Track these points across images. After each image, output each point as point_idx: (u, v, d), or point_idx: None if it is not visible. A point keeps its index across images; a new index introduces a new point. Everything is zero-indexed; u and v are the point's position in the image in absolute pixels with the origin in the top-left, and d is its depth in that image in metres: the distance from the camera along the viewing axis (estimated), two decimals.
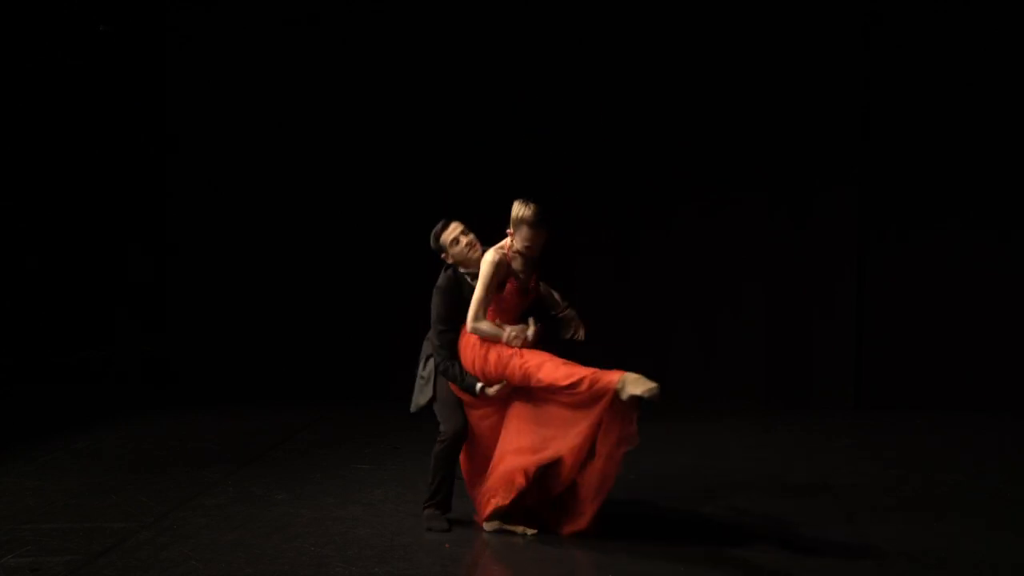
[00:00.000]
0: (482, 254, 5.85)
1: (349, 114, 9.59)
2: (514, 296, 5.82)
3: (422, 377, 6.10)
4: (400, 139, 9.53)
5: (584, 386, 5.55)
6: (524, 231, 5.76)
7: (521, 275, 5.84)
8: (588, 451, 5.68)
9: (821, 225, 9.27)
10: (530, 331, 5.75)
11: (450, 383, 5.94)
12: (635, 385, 5.51)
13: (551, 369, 5.61)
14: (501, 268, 5.76)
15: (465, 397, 5.91)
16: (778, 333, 9.34)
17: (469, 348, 5.84)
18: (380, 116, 9.54)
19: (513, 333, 5.73)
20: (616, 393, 5.52)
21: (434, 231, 6.02)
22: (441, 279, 6.01)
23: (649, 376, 5.64)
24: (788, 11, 9.22)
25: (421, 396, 6.07)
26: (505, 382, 5.75)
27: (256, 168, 9.71)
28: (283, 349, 9.70)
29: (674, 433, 8.24)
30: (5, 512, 6.20)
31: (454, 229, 5.97)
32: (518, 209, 5.78)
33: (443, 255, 6.03)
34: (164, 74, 9.90)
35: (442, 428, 5.99)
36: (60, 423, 8.47)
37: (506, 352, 5.73)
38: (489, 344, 5.78)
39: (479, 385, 5.79)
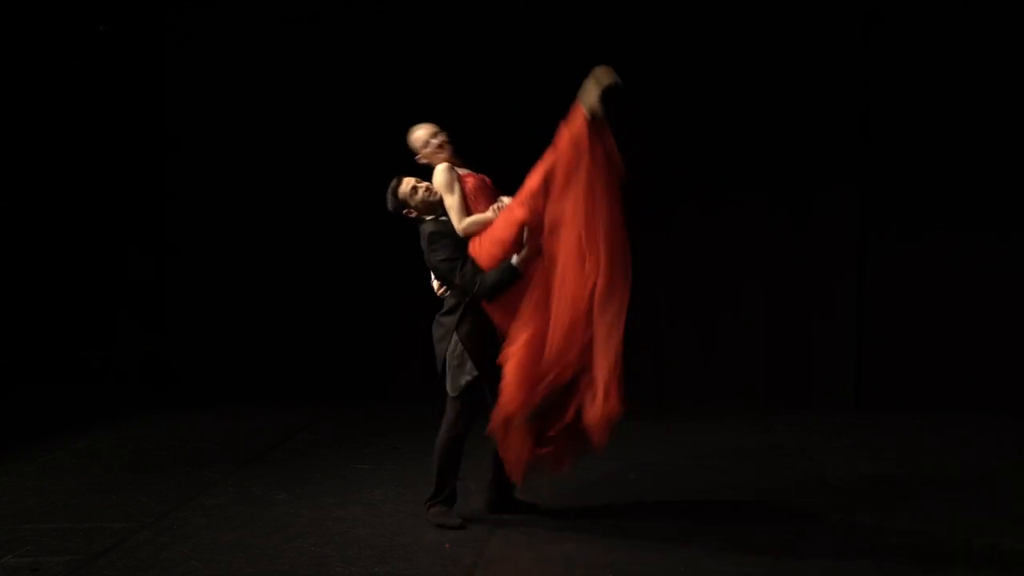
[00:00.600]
0: (438, 197, 6.01)
1: (349, 114, 9.59)
2: (480, 190, 6.02)
3: (454, 357, 5.91)
4: (400, 139, 9.49)
5: (561, 140, 5.74)
6: (431, 145, 6.11)
7: (469, 174, 6.06)
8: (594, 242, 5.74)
9: (821, 225, 9.27)
10: (504, 198, 5.99)
11: (495, 295, 5.82)
12: (594, 90, 5.66)
13: (533, 176, 5.78)
14: (454, 172, 6.00)
15: (500, 310, 5.82)
16: (778, 333, 9.34)
17: (481, 250, 5.86)
18: (380, 116, 9.49)
19: (495, 207, 5.96)
20: (591, 118, 5.68)
21: (390, 190, 6.09)
22: (429, 227, 5.99)
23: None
24: (788, 11, 9.22)
25: (461, 376, 5.89)
26: (526, 239, 5.75)
27: (256, 168, 9.70)
28: (283, 349, 9.70)
29: (674, 433, 8.25)
30: (5, 512, 6.20)
31: (408, 181, 6.06)
32: (415, 134, 6.19)
33: (405, 212, 6.06)
34: (164, 74, 9.90)
35: (453, 418, 5.93)
36: (60, 423, 8.48)
37: (501, 217, 5.89)
38: (490, 232, 5.87)
39: (512, 261, 5.78)
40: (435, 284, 6.14)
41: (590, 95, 5.68)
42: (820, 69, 9.19)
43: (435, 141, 6.17)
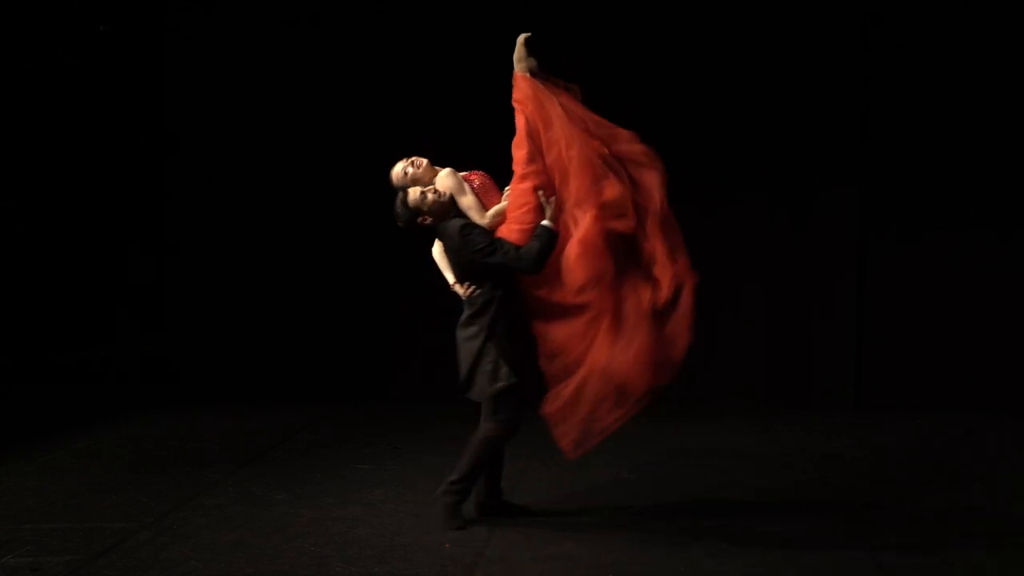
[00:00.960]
0: (449, 197, 5.98)
1: (349, 114, 9.59)
2: (487, 186, 6.09)
3: (485, 362, 5.84)
4: (400, 140, 9.47)
5: (520, 104, 6.07)
6: (411, 170, 6.11)
7: (471, 173, 6.15)
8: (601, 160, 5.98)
9: (821, 225, 9.27)
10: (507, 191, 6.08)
11: (544, 258, 5.80)
12: (520, 53, 6.28)
13: (519, 148, 5.98)
14: (458, 174, 6.04)
15: (543, 282, 5.86)
16: (778, 333, 9.34)
17: (511, 232, 5.87)
18: (380, 116, 9.53)
19: (504, 198, 6.03)
20: (527, 75, 6.20)
21: (399, 202, 6.01)
22: (455, 223, 5.89)
23: None
24: (788, 11, 9.22)
25: (496, 382, 5.81)
26: (545, 199, 5.82)
27: (256, 168, 9.71)
28: (283, 349, 9.70)
29: (674, 433, 8.25)
30: (5, 512, 6.21)
31: (414, 189, 6.00)
32: (394, 173, 6.18)
33: (420, 220, 5.98)
34: (164, 74, 9.90)
35: (501, 417, 5.83)
36: (60, 423, 8.48)
37: (511, 196, 5.98)
38: (509, 212, 5.92)
39: (544, 223, 5.79)
40: (459, 288, 5.97)
41: (519, 60, 6.19)
42: (820, 69, 9.19)
43: (409, 163, 6.14)
